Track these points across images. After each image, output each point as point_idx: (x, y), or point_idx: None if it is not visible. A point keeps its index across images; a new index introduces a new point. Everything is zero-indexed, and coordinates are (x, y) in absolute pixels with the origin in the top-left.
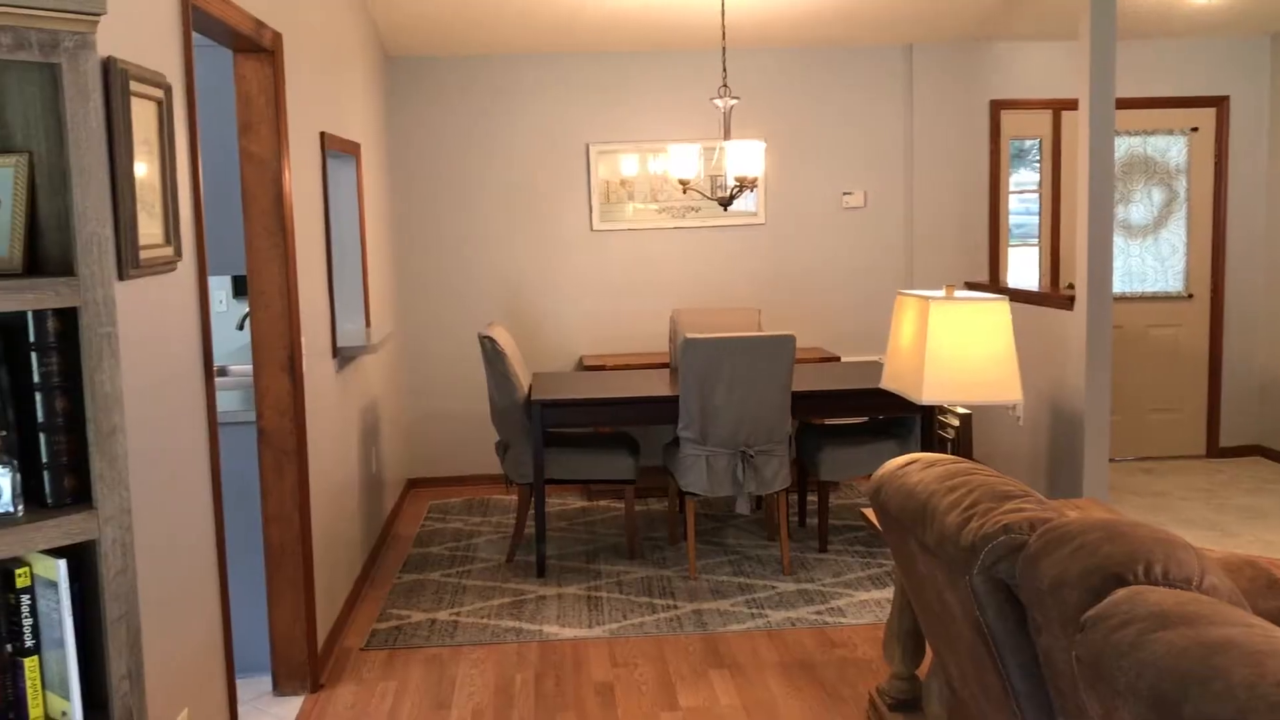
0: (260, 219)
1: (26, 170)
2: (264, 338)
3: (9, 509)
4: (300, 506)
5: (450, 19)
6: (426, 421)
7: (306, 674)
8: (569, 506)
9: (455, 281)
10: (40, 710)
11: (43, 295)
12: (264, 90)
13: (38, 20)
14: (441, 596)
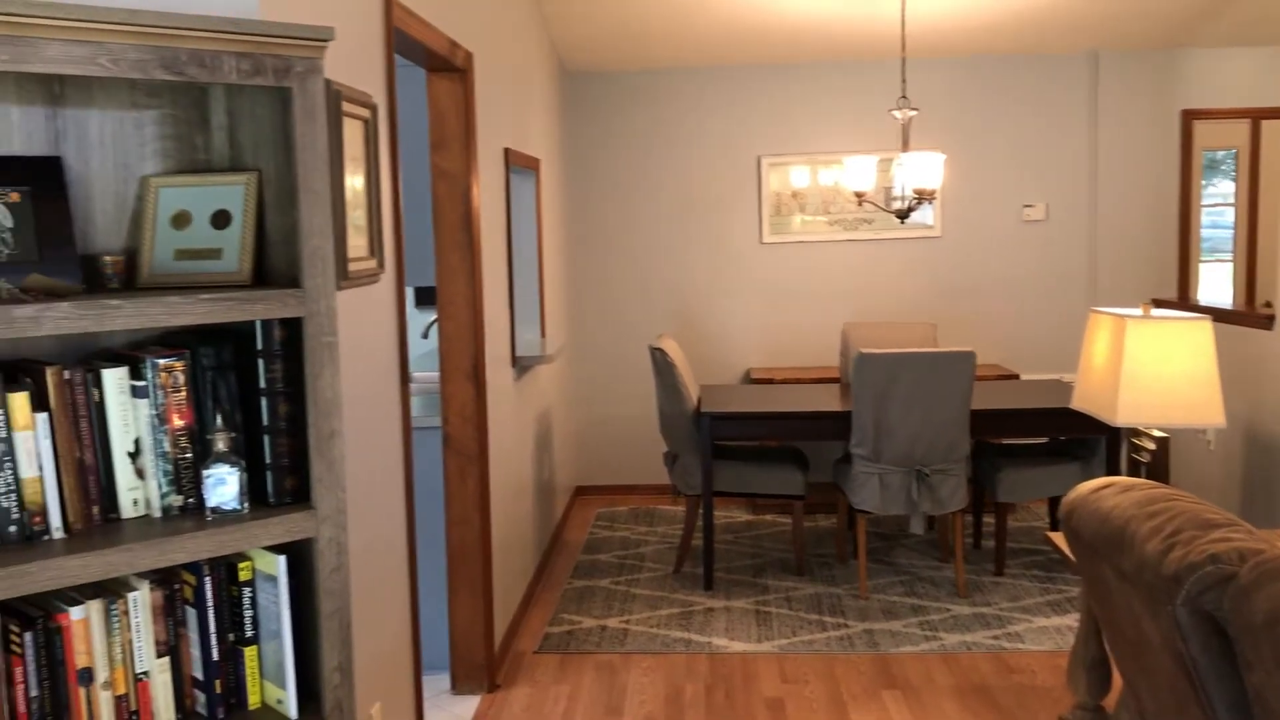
0: (450, 233)
1: (256, 188)
2: (450, 347)
3: (237, 506)
4: (481, 510)
5: (626, 35)
6: (594, 430)
7: (484, 674)
8: (734, 519)
9: (625, 293)
10: (258, 697)
11: (271, 306)
12: (455, 108)
13: (273, 47)
14: (611, 604)
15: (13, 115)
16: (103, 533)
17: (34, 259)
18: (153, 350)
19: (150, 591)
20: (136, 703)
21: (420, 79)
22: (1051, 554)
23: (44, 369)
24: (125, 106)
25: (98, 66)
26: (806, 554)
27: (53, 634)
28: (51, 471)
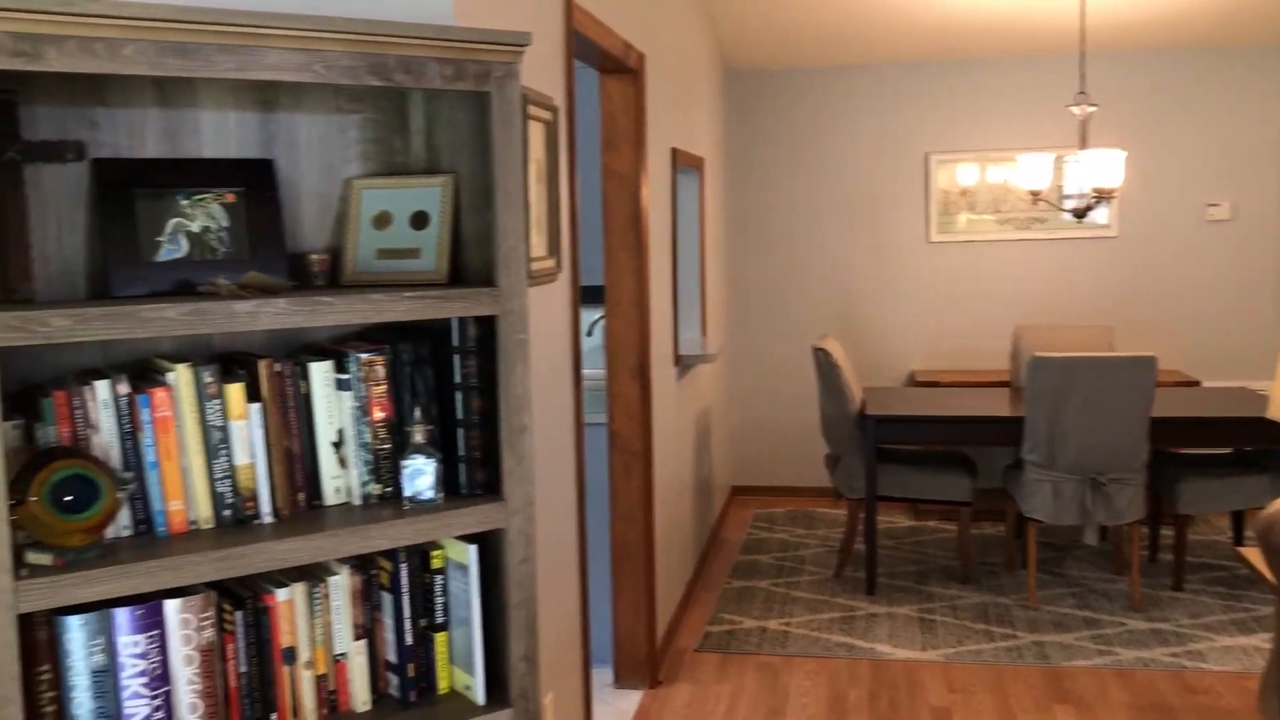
0: (619, 232)
1: (453, 190)
2: (617, 345)
3: (432, 496)
4: (645, 506)
5: (792, 32)
6: (752, 430)
7: (646, 670)
8: (896, 525)
9: (787, 292)
10: (447, 682)
11: (468, 304)
12: (627, 109)
13: (474, 53)
14: (771, 605)
15: (229, 120)
16: (307, 518)
17: (247, 257)
18: (354, 345)
19: (350, 576)
20: (335, 683)
21: (589, 80)
22: (1236, 570)
23: (257, 362)
24: (331, 111)
25: (312, 73)
26: (973, 562)
27: (260, 614)
28: (263, 459)
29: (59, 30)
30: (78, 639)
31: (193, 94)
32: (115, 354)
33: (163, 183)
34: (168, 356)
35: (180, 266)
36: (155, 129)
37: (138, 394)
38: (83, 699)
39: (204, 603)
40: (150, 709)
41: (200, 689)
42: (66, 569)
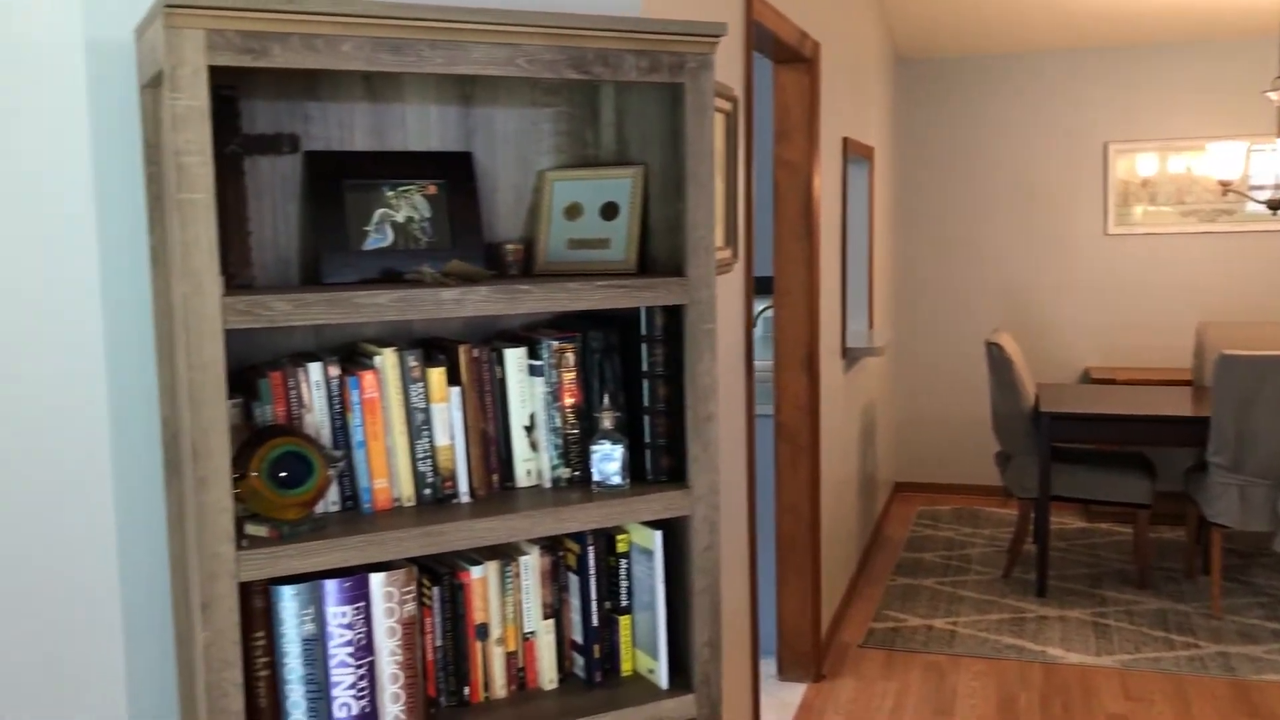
0: (789, 222)
1: (642, 180)
2: (786, 336)
3: (619, 481)
4: (811, 499)
5: (964, 20)
6: (916, 425)
7: (810, 663)
8: (1067, 526)
9: (955, 284)
10: (630, 665)
11: (658, 294)
12: (800, 99)
13: (669, 45)
14: (937, 604)
15: (431, 114)
16: (500, 499)
17: (447, 246)
18: (545, 333)
19: (539, 557)
20: (523, 660)
21: (762, 69)
22: None
23: (456, 347)
24: (526, 105)
25: (515, 67)
26: (1150, 567)
27: (456, 590)
28: (461, 440)
29: (284, 28)
30: (290, 608)
31: (399, 89)
32: (325, 338)
33: (370, 174)
34: (372, 341)
35: (385, 255)
36: (364, 123)
37: (347, 376)
38: (294, 665)
39: (406, 577)
40: (355, 677)
41: (401, 660)
42: (281, 541)
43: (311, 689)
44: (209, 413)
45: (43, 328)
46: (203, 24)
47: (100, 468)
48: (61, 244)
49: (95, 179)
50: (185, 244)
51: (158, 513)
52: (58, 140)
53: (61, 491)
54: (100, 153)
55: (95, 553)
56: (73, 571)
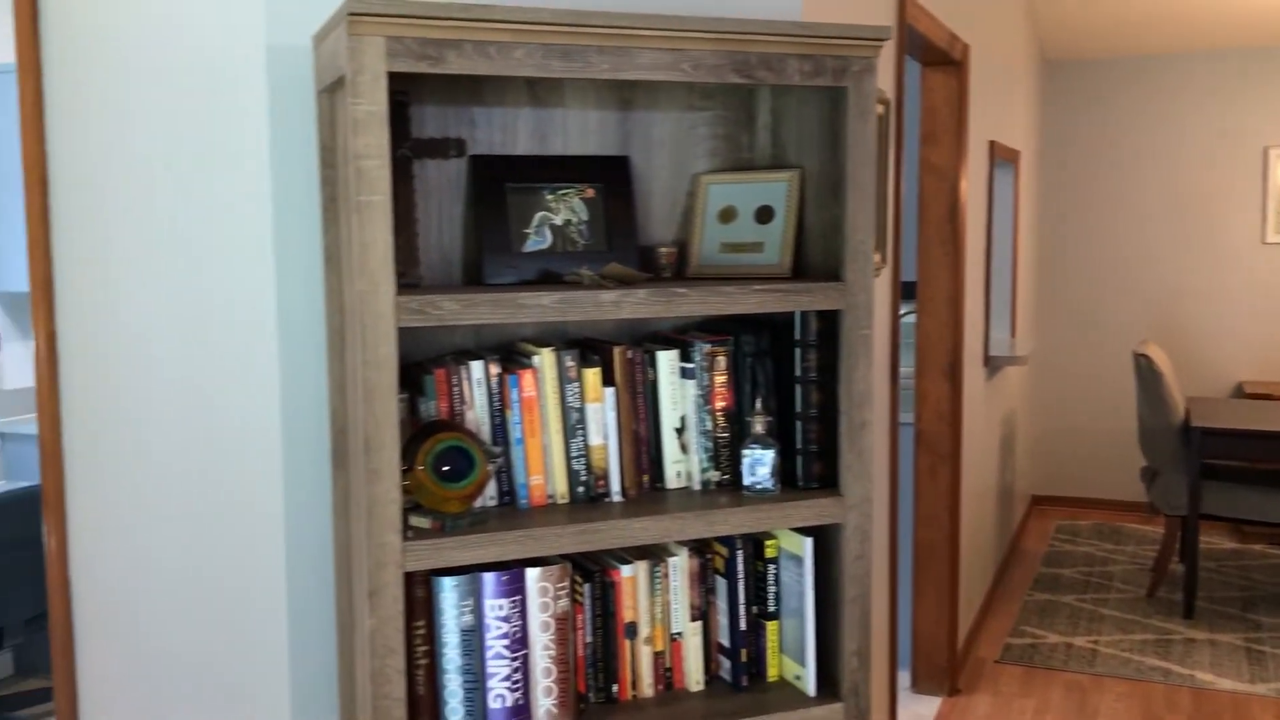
0: (935, 227)
1: (798, 184)
2: (928, 342)
3: (770, 486)
4: (951, 510)
5: (1117, 19)
6: (1056, 437)
7: (945, 677)
8: (1216, 546)
9: (1100, 292)
10: (777, 671)
11: (815, 298)
12: (949, 101)
13: (833, 49)
14: (1077, 621)
15: (591, 119)
16: (651, 500)
17: (603, 249)
18: (696, 336)
19: (688, 558)
20: (670, 660)
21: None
22: None
23: (610, 348)
24: (683, 109)
25: (679, 72)
26: None
27: (606, 588)
28: (614, 440)
29: (459, 35)
30: (450, 599)
31: (560, 94)
32: (484, 337)
33: (531, 178)
34: (529, 341)
35: (544, 257)
36: (526, 127)
37: (507, 375)
38: (452, 655)
39: (561, 573)
40: (510, 669)
41: (554, 655)
42: (443, 533)
43: (468, 679)
44: (381, 408)
45: (221, 323)
46: (383, 31)
47: (272, 458)
48: (240, 244)
49: (272, 181)
50: (363, 245)
51: (324, 502)
52: (239, 143)
53: (236, 480)
54: (278, 156)
55: (265, 539)
56: (243, 556)
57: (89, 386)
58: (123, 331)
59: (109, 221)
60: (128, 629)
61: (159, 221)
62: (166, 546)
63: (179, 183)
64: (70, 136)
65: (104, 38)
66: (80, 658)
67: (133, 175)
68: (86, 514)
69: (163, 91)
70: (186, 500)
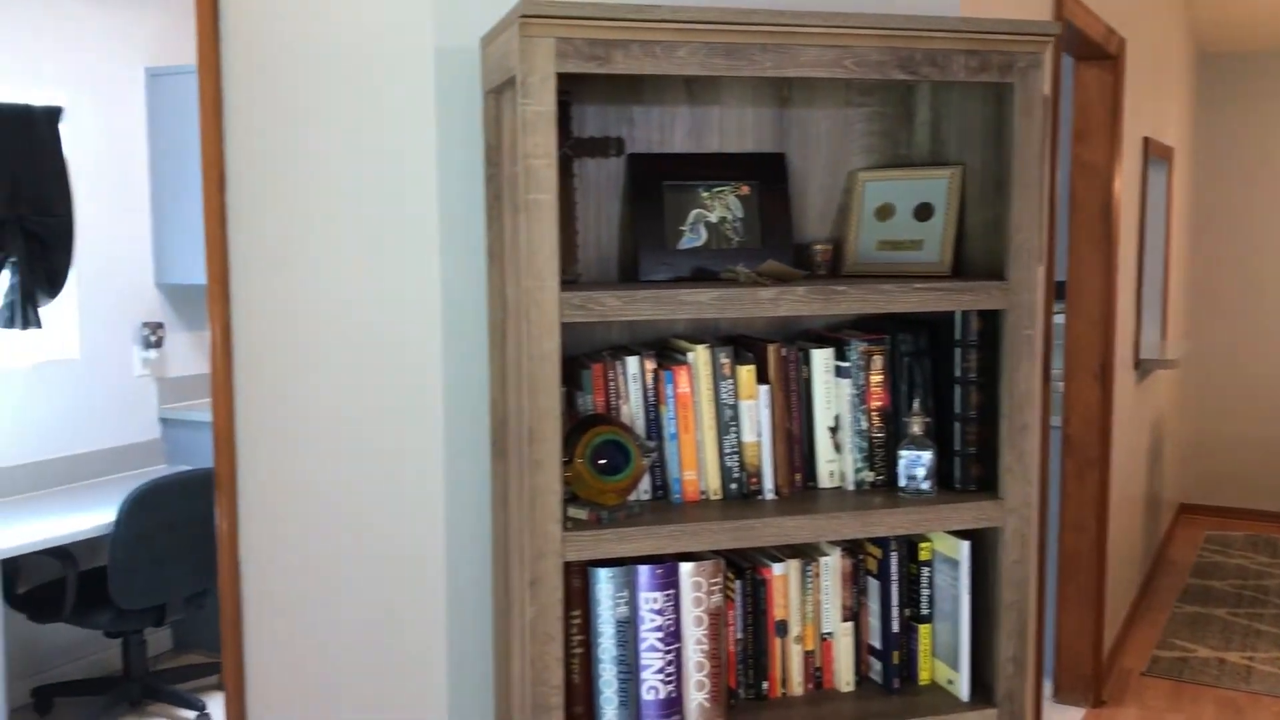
0: (1086, 226)
1: (959, 181)
2: (1077, 344)
3: (926, 488)
4: (1098, 516)
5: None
6: (1207, 444)
7: (1090, 687)
8: None
9: (1257, 295)
10: (928, 674)
11: (977, 297)
12: (1103, 97)
13: (999, 44)
14: (1230, 636)
15: (748, 116)
16: (804, 498)
17: (757, 246)
18: (849, 334)
19: (840, 558)
20: (820, 660)
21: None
22: None
23: (765, 346)
24: (840, 105)
25: (842, 69)
26: None
27: (758, 585)
28: (768, 438)
29: (627, 35)
30: (606, 590)
31: (716, 92)
32: (637, 332)
33: (688, 175)
34: (682, 337)
35: (698, 254)
36: (683, 125)
37: (662, 370)
38: (607, 645)
39: (714, 569)
40: (663, 662)
41: (707, 649)
42: (599, 525)
43: (622, 670)
44: (545, 401)
45: (387, 317)
46: (554, 32)
47: (434, 448)
48: (407, 240)
49: (438, 180)
50: (530, 242)
51: (483, 491)
52: (407, 143)
53: (399, 469)
54: (444, 155)
55: (426, 527)
56: (405, 542)
57: (260, 376)
58: (293, 324)
59: (281, 218)
60: (293, 609)
61: (329, 218)
62: (331, 531)
63: (349, 181)
64: (246, 136)
65: (280, 40)
66: (247, 635)
67: (305, 174)
68: (256, 498)
69: (334, 93)
70: (351, 487)
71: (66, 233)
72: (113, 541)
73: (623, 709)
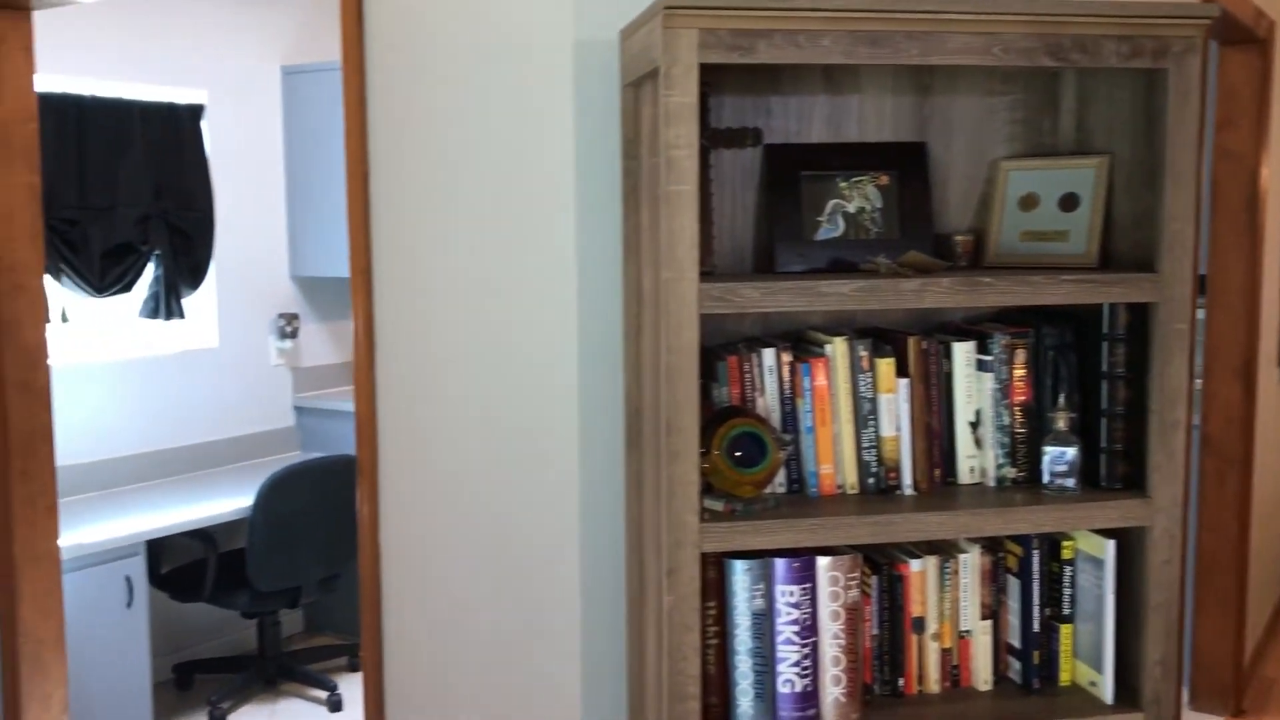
0: (1229, 217)
1: (1107, 171)
2: (1218, 340)
3: (1071, 485)
4: (1240, 518)
5: None
6: None
7: (1229, 696)
8: None
9: None
10: (1069, 675)
11: (1126, 289)
12: (1249, 82)
13: (1153, 29)
14: None
15: (887, 105)
16: (943, 494)
17: (896, 237)
18: (990, 327)
19: (979, 556)
20: (958, 658)
21: None
22: None
23: (905, 338)
24: (982, 94)
25: (990, 56)
26: None
27: (895, 581)
28: (907, 433)
29: (770, 25)
30: (742, 582)
31: (856, 80)
32: (772, 324)
33: (826, 166)
34: (816, 329)
35: (835, 245)
36: (821, 115)
37: (799, 363)
38: (743, 637)
39: (851, 564)
40: (799, 656)
41: (843, 644)
42: (735, 517)
43: (758, 662)
44: (683, 391)
45: (524, 307)
46: (698, 24)
47: (569, 437)
48: (544, 232)
49: (576, 172)
50: (670, 233)
51: (616, 481)
52: (545, 136)
53: (534, 457)
54: (581, 148)
55: (561, 515)
56: (540, 530)
57: (400, 366)
58: (432, 315)
59: (422, 211)
60: (430, 593)
61: (468, 211)
62: (467, 518)
63: (487, 175)
64: (388, 131)
65: (422, 37)
66: (386, 617)
67: (445, 168)
68: (395, 484)
69: (474, 88)
70: (487, 475)
71: (207, 227)
72: (251, 525)
73: (758, 700)
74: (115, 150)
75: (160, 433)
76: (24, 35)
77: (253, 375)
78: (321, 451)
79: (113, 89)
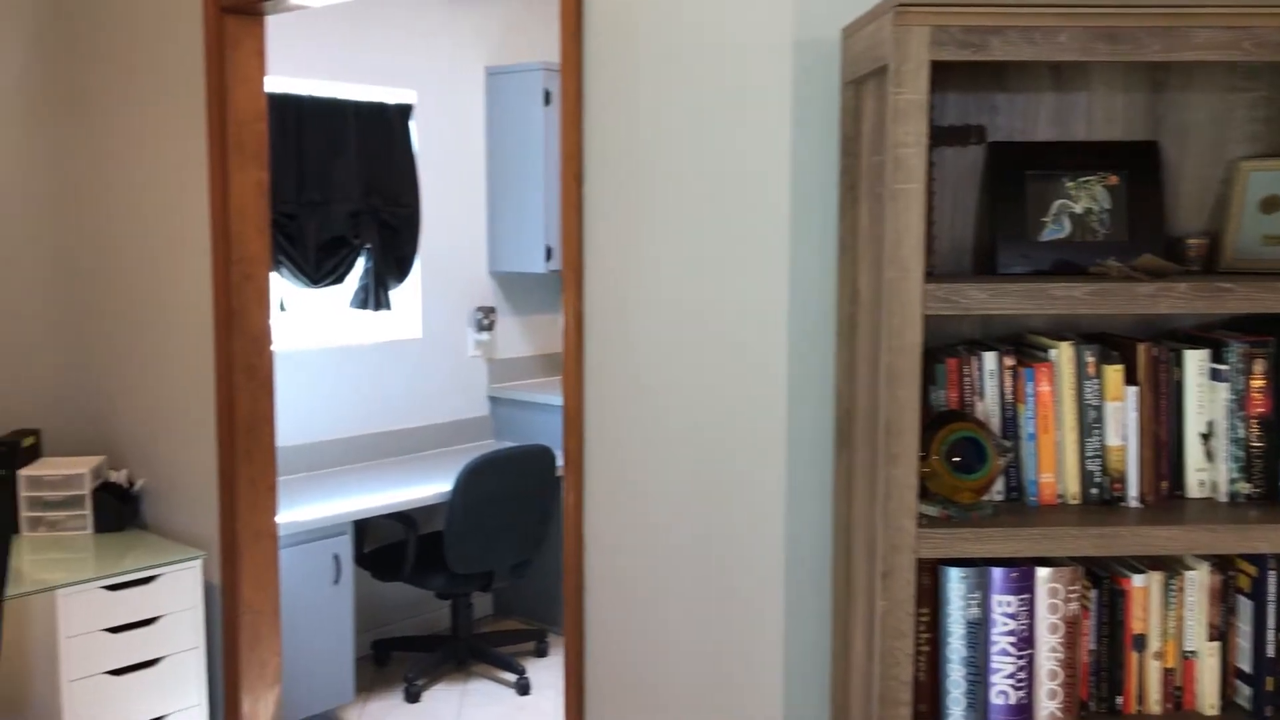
0: None
1: None
2: None
3: None
4: None
5: None
6: None
7: None
8: None
9: None
10: None
11: None
12: None
13: None
14: None
15: (1117, 103)
16: (1169, 508)
17: (1124, 239)
18: (1227, 334)
19: (1208, 574)
20: (1181, 679)
21: None
22: None
23: (1134, 345)
24: (1222, 91)
25: (1239, 51)
26: None
27: (1115, 596)
28: (1134, 443)
29: (1005, 21)
30: (958, 590)
31: (1085, 77)
32: (991, 327)
33: (1052, 165)
34: (1037, 333)
35: (1060, 247)
36: (1047, 112)
37: (1022, 368)
38: (956, 645)
39: (1072, 576)
40: (1014, 668)
41: (1061, 658)
42: (951, 523)
43: (971, 671)
44: (904, 393)
45: (734, 306)
46: (929, 21)
47: (776, 436)
48: (758, 231)
49: (791, 171)
50: (896, 232)
51: (823, 482)
52: (761, 135)
53: (741, 455)
54: (798, 146)
55: (765, 514)
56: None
57: (609, 361)
58: (642, 311)
59: (633, 209)
60: (631, 583)
61: (682, 211)
62: (671, 512)
63: (702, 174)
64: (604, 131)
65: (640, 37)
66: (588, 605)
67: (659, 167)
68: (601, 476)
69: (691, 87)
70: (692, 471)
71: (414, 222)
72: (450, 509)
73: (970, 710)
74: (331, 148)
75: (365, 418)
76: (257, 39)
77: (452, 365)
78: (513, 440)
79: (329, 89)
